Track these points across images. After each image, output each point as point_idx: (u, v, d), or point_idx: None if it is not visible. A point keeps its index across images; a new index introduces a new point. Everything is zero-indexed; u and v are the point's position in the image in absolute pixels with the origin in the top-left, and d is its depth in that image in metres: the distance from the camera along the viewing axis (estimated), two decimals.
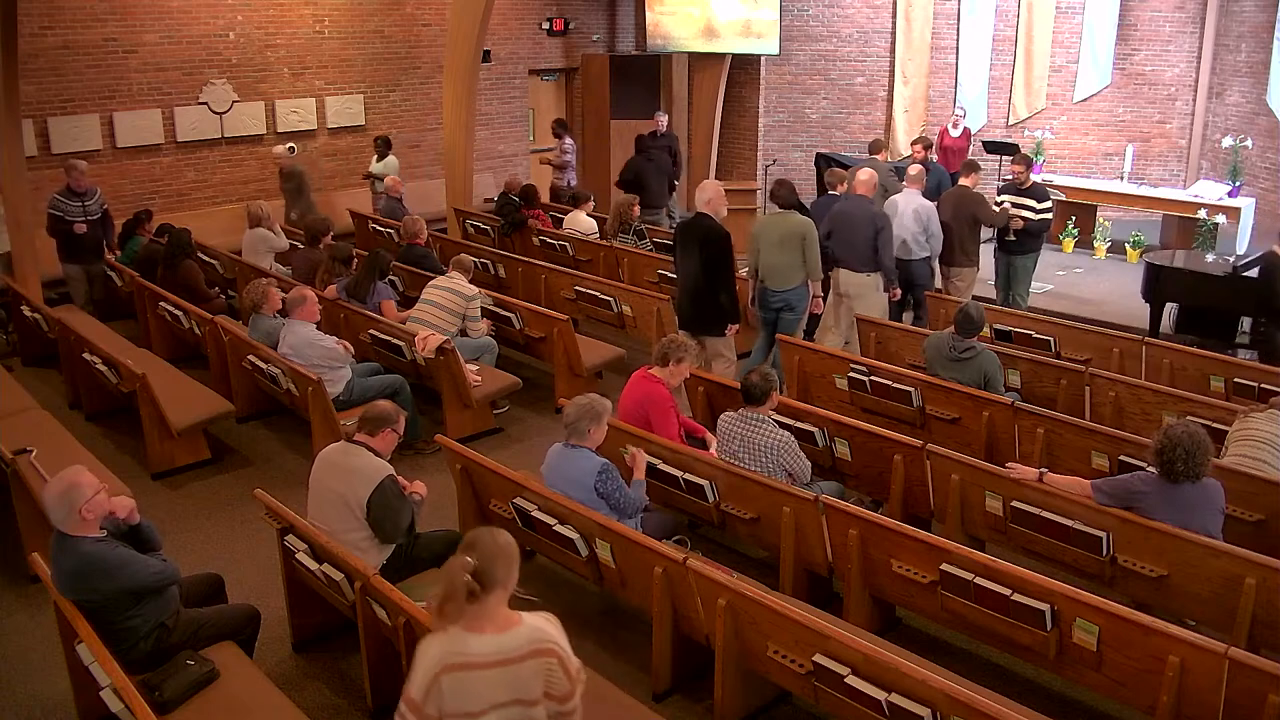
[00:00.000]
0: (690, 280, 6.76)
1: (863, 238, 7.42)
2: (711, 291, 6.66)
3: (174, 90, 10.58)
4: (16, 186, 8.31)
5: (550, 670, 2.76)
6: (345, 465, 4.50)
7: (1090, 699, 4.21)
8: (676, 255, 7.00)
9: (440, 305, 7.20)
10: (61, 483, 3.70)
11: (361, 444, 4.54)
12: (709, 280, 6.64)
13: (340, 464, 4.52)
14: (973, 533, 4.97)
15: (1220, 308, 8.26)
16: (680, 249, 6.88)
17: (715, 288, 6.65)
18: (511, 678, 2.73)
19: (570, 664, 2.81)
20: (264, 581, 5.05)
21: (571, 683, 2.80)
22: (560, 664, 2.77)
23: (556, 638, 2.81)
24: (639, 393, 5.48)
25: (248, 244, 9.12)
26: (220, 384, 7.15)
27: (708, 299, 6.69)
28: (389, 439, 4.60)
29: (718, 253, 6.59)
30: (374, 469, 4.46)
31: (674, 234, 6.98)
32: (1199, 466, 4.15)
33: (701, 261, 6.61)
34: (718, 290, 6.66)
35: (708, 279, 6.63)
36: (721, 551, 5.36)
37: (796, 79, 14.29)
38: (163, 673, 3.69)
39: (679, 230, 6.99)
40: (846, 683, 3.47)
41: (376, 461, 4.51)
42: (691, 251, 6.69)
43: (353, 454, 4.52)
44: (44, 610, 4.68)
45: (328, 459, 4.60)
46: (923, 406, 6.07)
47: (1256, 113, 12.20)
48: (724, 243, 6.63)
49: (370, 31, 12.13)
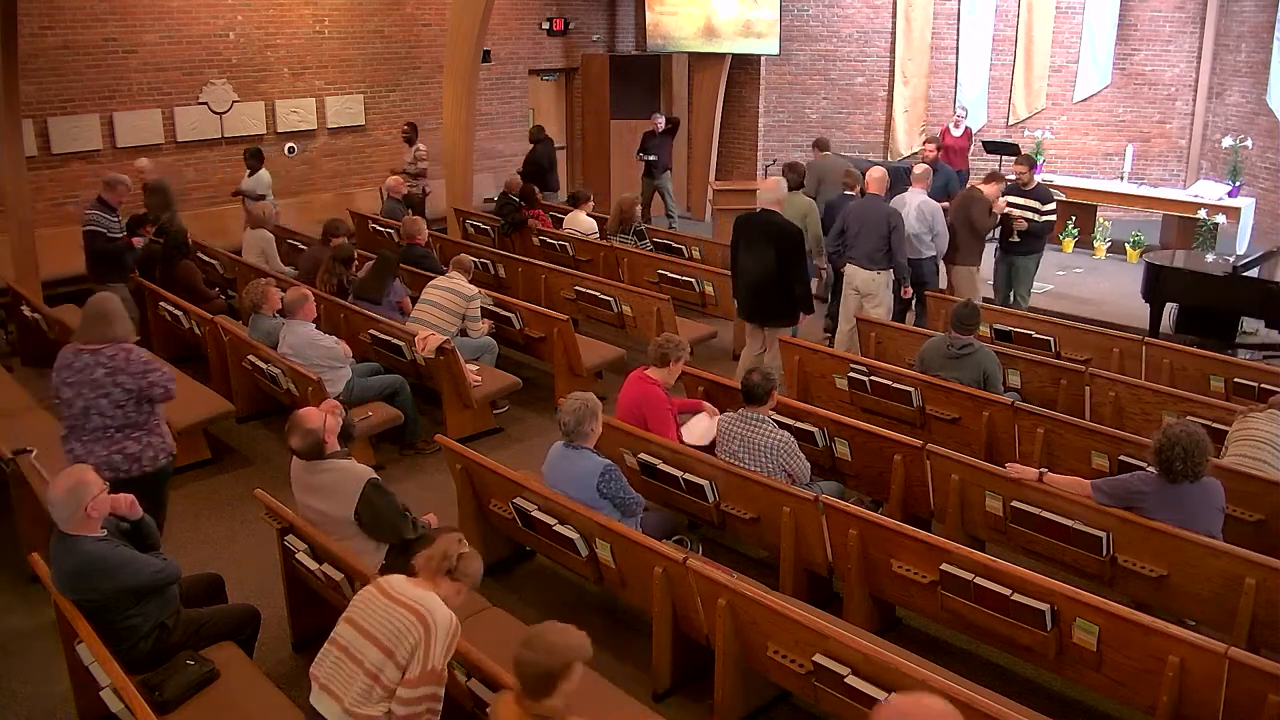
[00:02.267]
0: (756, 275, 6.95)
1: (876, 235, 7.52)
2: (784, 284, 6.90)
3: (174, 90, 10.59)
4: (16, 186, 8.31)
5: (411, 631, 3.10)
6: (317, 485, 4.36)
7: (1090, 699, 4.21)
8: (738, 250, 7.12)
9: (440, 305, 7.20)
10: (68, 479, 3.70)
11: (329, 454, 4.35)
12: (783, 274, 6.86)
13: (311, 484, 4.38)
14: (973, 533, 4.97)
15: (1220, 308, 8.25)
16: (745, 245, 7.02)
17: (790, 280, 6.89)
18: (392, 617, 3.15)
19: (433, 648, 3.10)
20: (264, 581, 5.05)
21: (420, 667, 3.08)
22: (424, 636, 3.09)
23: (438, 618, 3.12)
24: (636, 393, 5.49)
25: (247, 244, 9.13)
26: (220, 384, 7.15)
27: (780, 291, 6.94)
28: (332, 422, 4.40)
29: (792, 247, 6.85)
30: (352, 481, 4.31)
31: (735, 229, 7.15)
32: (1198, 466, 4.15)
33: (775, 256, 6.82)
34: (792, 283, 6.90)
35: (781, 273, 6.86)
36: (721, 551, 5.36)
37: (796, 79, 14.29)
38: (163, 673, 3.69)
39: (742, 226, 7.10)
40: (846, 683, 3.47)
41: (351, 472, 4.34)
42: (760, 247, 6.88)
43: (319, 470, 4.35)
44: (44, 610, 4.67)
45: (298, 480, 4.43)
46: (923, 406, 6.07)
47: (1256, 113, 12.20)
48: (798, 238, 6.91)
49: (370, 31, 12.13)
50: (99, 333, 4.60)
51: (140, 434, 4.68)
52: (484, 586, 4.97)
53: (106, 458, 4.57)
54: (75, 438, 4.64)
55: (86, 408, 4.56)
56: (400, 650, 3.08)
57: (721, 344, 8.67)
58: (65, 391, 4.59)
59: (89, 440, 4.60)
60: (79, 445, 4.61)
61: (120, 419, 4.60)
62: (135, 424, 4.65)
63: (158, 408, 4.78)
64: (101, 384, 4.54)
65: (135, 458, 4.65)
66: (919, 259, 8.04)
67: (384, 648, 3.09)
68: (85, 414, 4.57)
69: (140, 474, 4.66)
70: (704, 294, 8.69)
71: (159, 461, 4.76)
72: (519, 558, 5.37)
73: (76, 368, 4.57)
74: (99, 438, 4.60)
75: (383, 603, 3.20)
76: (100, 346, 4.58)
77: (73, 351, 4.62)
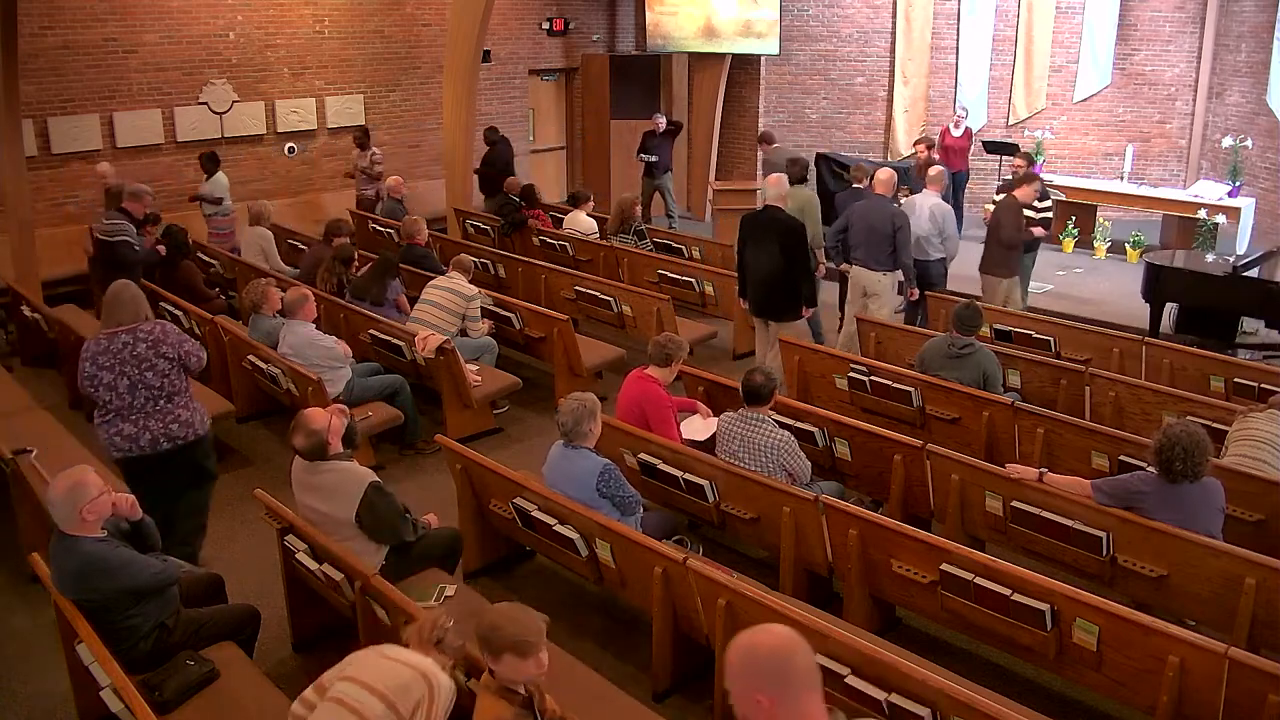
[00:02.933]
0: (765, 270, 7.05)
1: (881, 236, 7.52)
2: (790, 280, 7.00)
3: (174, 90, 10.58)
4: (17, 186, 8.31)
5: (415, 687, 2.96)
6: (318, 485, 4.37)
7: (1090, 699, 4.21)
8: (745, 247, 7.20)
9: (440, 305, 7.20)
10: (67, 480, 3.71)
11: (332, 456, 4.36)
12: (789, 269, 6.97)
13: (312, 484, 4.39)
14: (973, 533, 4.97)
15: (1220, 308, 8.25)
16: (752, 241, 7.12)
17: (795, 276, 7.00)
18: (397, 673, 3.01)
19: (434, 710, 2.96)
20: (264, 581, 5.05)
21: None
22: (427, 695, 2.95)
23: (442, 681, 3.01)
24: (636, 392, 5.49)
25: (248, 243, 9.13)
26: (220, 384, 7.15)
27: (786, 287, 7.04)
28: (337, 424, 4.41)
29: (796, 243, 6.96)
30: (354, 483, 4.32)
31: (742, 226, 7.23)
32: (1198, 466, 4.15)
33: (781, 252, 6.93)
34: (798, 278, 7.02)
35: (787, 268, 6.97)
36: (721, 551, 5.36)
37: (796, 79, 14.29)
38: (163, 673, 3.69)
39: (749, 223, 7.20)
40: (846, 683, 3.47)
41: (353, 473, 4.35)
42: (767, 243, 6.98)
43: (320, 470, 4.36)
44: (44, 610, 4.67)
45: (298, 480, 4.45)
46: (923, 406, 6.07)
47: (1256, 113, 12.20)
48: (802, 233, 7.02)
49: (370, 31, 12.13)
50: (131, 314, 4.83)
51: (187, 399, 4.96)
52: (484, 586, 5.01)
53: (164, 429, 4.83)
54: (124, 418, 4.79)
55: (133, 384, 4.75)
56: (403, 705, 2.95)
57: (721, 344, 8.67)
58: (105, 376, 4.75)
59: (138, 416, 4.79)
60: (128, 425, 4.79)
61: (168, 387, 4.84)
62: (181, 390, 4.92)
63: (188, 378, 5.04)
64: (145, 358, 4.77)
65: (189, 424, 4.91)
66: (927, 261, 8.04)
67: (388, 701, 2.95)
68: (133, 391, 4.76)
69: (195, 439, 4.94)
70: (704, 294, 8.70)
71: (207, 423, 5.09)
72: (519, 558, 5.37)
73: (114, 350, 4.76)
74: (151, 412, 4.80)
75: (385, 662, 3.08)
76: (135, 325, 4.81)
77: (107, 336, 4.80)
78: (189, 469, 5.00)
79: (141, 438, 4.78)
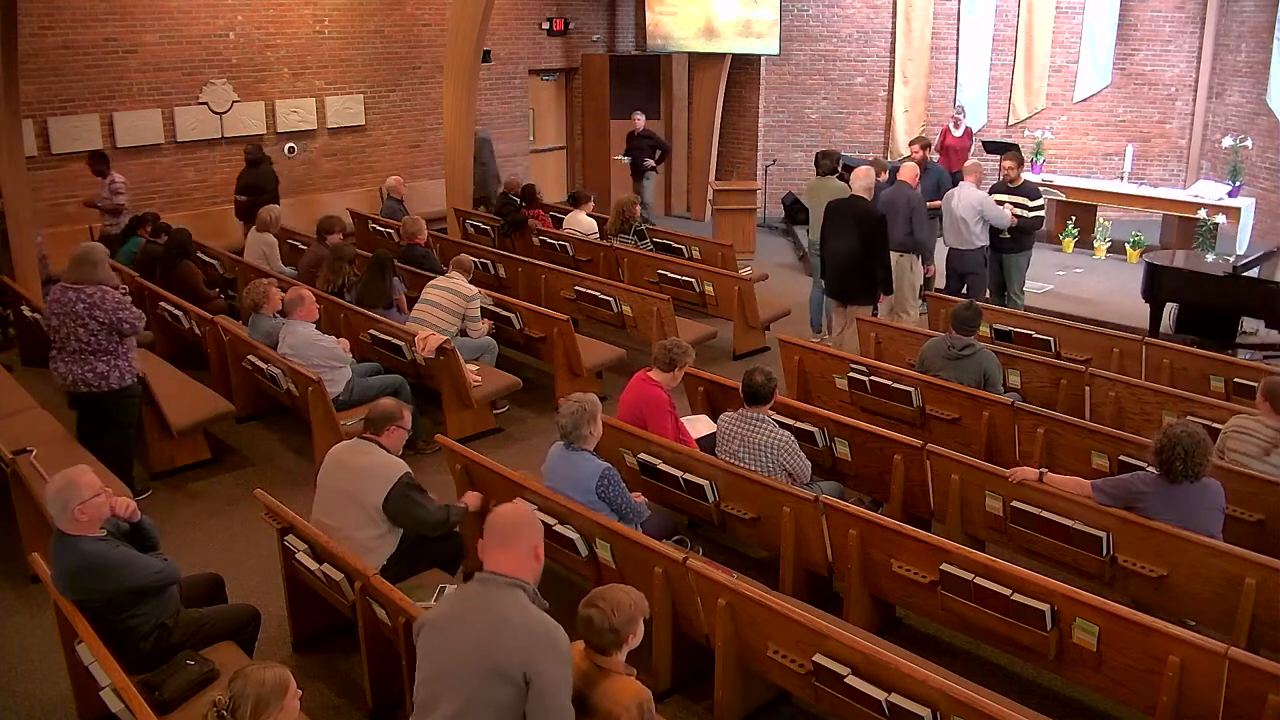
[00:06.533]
0: (844, 256, 7.46)
1: (901, 219, 8.07)
2: (867, 267, 7.37)
3: (174, 90, 10.58)
4: (16, 186, 8.30)
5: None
6: (353, 464, 4.49)
7: (1090, 699, 4.21)
8: (827, 233, 7.63)
9: (440, 305, 7.20)
10: (60, 480, 3.72)
11: (371, 440, 4.53)
12: (866, 256, 7.34)
13: (348, 463, 4.52)
14: (973, 533, 4.97)
15: (1220, 308, 8.25)
16: (833, 228, 7.54)
17: (872, 263, 7.36)
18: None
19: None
20: (264, 581, 5.05)
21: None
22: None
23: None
24: (637, 394, 5.49)
25: (250, 246, 9.11)
26: (220, 384, 7.15)
27: (863, 273, 7.41)
28: (395, 435, 4.60)
29: (876, 232, 7.31)
30: (387, 469, 4.45)
31: (826, 214, 7.67)
32: (1198, 466, 4.15)
33: (860, 239, 7.30)
34: (875, 266, 7.38)
35: (865, 255, 7.34)
36: (721, 551, 5.36)
37: (796, 79, 14.29)
38: (163, 673, 3.69)
39: (834, 211, 7.60)
40: (846, 683, 3.47)
41: (388, 460, 4.50)
42: (848, 230, 7.36)
43: (361, 452, 4.52)
44: (44, 610, 4.68)
45: (336, 457, 4.60)
46: (923, 406, 6.07)
47: (1256, 113, 12.21)
48: (882, 223, 7.37)
49: (370, 31, 12.13)
50: (85, 274, 5.57)
51: (109, 358, 5.63)
52: None
53: (81, 375, 5.61)
54: (60, 358, 5.66)
55: (67, 334, 5.57)
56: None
57: (721, 344, 8.66)
58: (54, 320, 5.62)
59: (69, 360, 5.62)
60: (62, 364, 5.66)
61: (93, 345, 5.57)
62: (105, 350, 5.60)
63: (128, 340, 5.72)
64: (80, 315, 5.52)
65: (104, 376, 5.63)
66: (965, 249, 8.45)
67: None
68: (66, 339, 5.59)
69: (108, 390, 5.65)
70: (704, 294, 8.70)
71: (125, 381, 5.72)
72: None
73: (63, 301, 5.57)
74: (75, 359, 5.60)
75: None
76: (82, 285, 5.54)
77: (61, 289, 5.63)
78: (107, 414, 5.73)
79: (68, 376, 5.63)
